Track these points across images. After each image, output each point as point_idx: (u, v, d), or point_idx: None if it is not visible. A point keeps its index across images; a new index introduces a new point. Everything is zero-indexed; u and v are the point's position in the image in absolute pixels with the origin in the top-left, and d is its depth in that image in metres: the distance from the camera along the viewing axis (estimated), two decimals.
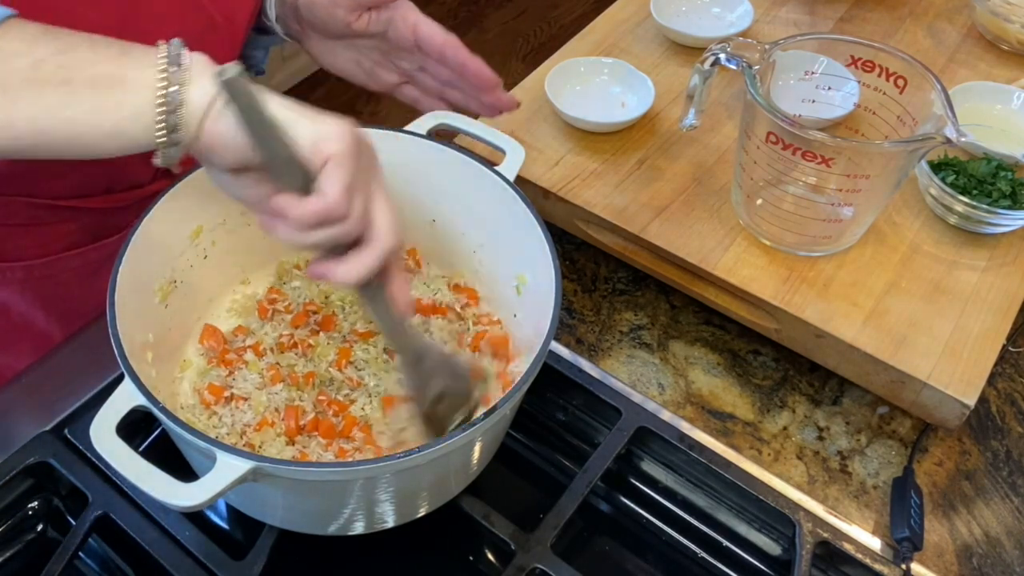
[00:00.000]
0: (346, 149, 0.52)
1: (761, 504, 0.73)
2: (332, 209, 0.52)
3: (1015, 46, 1.10)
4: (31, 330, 0.89)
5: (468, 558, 0.73)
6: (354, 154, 0.53)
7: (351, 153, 0.52)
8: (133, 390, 0.58)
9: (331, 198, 0.52)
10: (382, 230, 0.55)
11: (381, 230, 0.55)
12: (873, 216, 0.84)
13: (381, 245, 0.55)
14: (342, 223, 0.54)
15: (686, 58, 1.07)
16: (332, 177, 0.52)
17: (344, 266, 0.56)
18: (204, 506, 0.54)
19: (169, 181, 0.88)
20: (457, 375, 0.66)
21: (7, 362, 0.88)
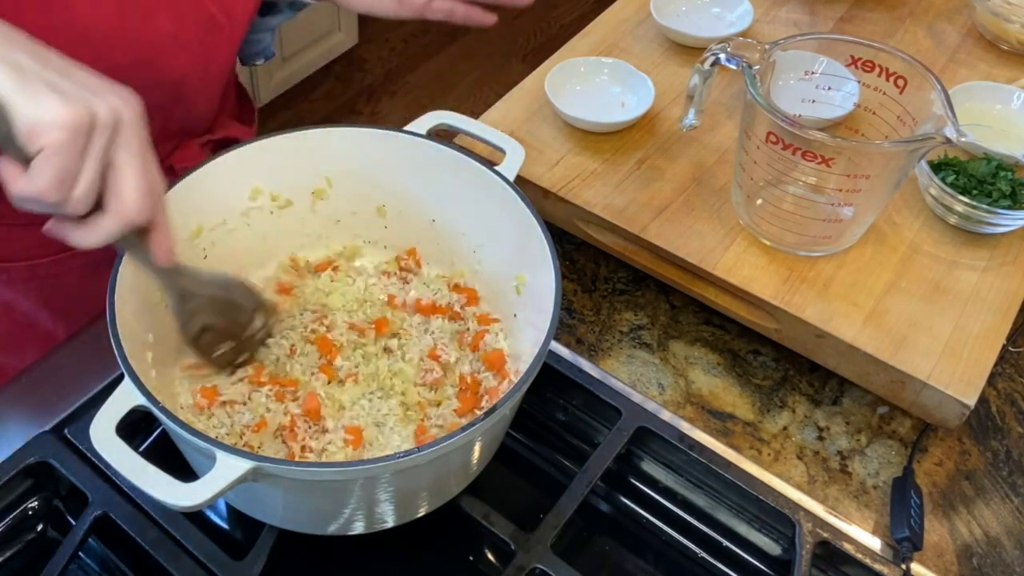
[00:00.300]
0: (62, 139, 0.50)
1: (761, 504, 0.73)
2: (41, 195, 0.51)
3: (1015, 46, 1.10)
4: (35, 329, 0.89)
5: (468, 558, 0.73)
6: (72, 141, 0.50)
7: (68, 142, 0.50)
8: (133, 390, 0.58)
9: (38, 186, 0.51)
10: (126, 201, 0.54)
11: (125, 201, 0.54)
12: (873, 216, 0.84)
13: (122, 216, 0.54)
14: (59, 205, 0.52)
15: (686, 58, 1.07)
16: (41, 167, 0.50)
17: (81, 231, 0.55)
18: (204, 506, 0.54)
19: (173, 178, 0.88)
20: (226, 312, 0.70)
21: (12, 362, 0.88)
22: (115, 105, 0.52)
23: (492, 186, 0.74)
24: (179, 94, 0.81)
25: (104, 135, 0.52)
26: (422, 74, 2.84)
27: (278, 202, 0.79)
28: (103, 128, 0.51)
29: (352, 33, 2.79)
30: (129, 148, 0.53)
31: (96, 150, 0.52)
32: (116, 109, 0.52)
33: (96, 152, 0.52)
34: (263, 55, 0.94)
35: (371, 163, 0.78)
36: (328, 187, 0.80)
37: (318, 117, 2.64)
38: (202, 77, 0.82)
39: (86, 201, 0.53)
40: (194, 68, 0.80)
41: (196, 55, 0.79)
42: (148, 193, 0.55)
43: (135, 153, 0.54)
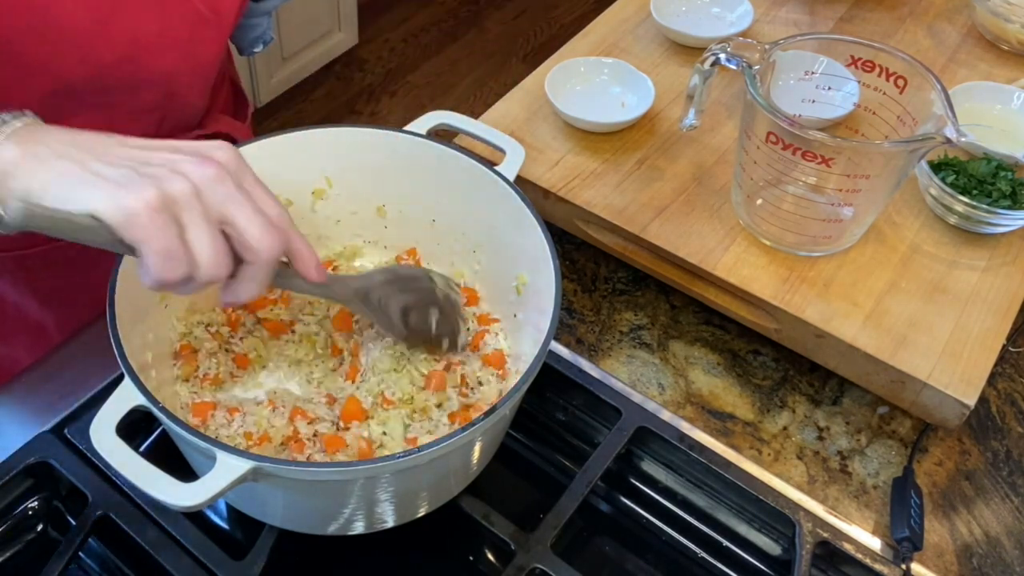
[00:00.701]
0: (145, 229, 0.52)
1: (761, 504, 0.73)
2: (160, 281, 0.54)
3: (1015, 46, 1.10)
4: (25, 321, 0.88)
5: (468, 558, 0.73)
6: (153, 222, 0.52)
7: (150, 225, 0.52)
8: (133, 390, 0.58)
9: (152, 275, 0.54)
10: (253, 247, 0.56)
11: (252, 247, 0.56)
12: (873, 216, 0.84)
13: (260, 260, 0.56)
14: (192, 280, 0.55)
15: (686, 58, 1.07)
16: (144, 257, 0.53)
17: (238, 289, 0.57)
18: (204, 506, 0.54)
19: None
20: (407, 285, 0.70)
21: (6, 353, 0.88)
22: (191, 171, 0.54)
23: (492, 186, 0.74)
24: (169, 91, 0.81)
25: (192, 202, 0.54)
26: (422, 74, 2.84)
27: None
28: (185, 197, 0.53)
29: (352, 33, 2.79)
30: (229, 200, 0.55)
31: (193, 218, 0.54)
32: (192, 174, 0.54)
33: (195, 219, 0.54)
34: (261, 40, 0.94)
35: (371, 163, 0.78)
36: (328, 187, 0.80)
37: (318, 117, 2.64)
38: (191, 73, 0.82)
39: (219, 263, 0.55)
40: (182, 64, 0.80)
41: (183, 51, 0.79)
42: (268, 228, 0.56)
43: (237, 200, 0.55)
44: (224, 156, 0.57)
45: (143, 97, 0.79)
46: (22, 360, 0.83)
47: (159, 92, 0.80)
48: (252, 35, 0.93)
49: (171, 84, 0.80)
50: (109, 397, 0.58)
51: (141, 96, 0.79)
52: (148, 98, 0.80)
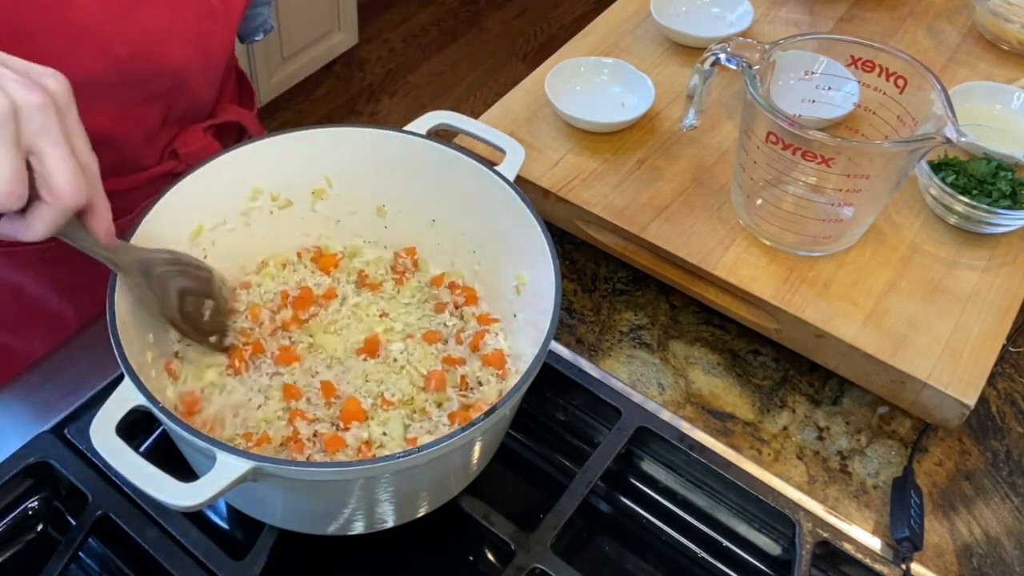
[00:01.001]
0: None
1: (761, 504, 0.73)
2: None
3: (1015, 46, 1.10)
4: (45, 313, 0.88)
5: (468, 558, 0.73)
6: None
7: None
8: (133, 390, 0.58)
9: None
10: (56, 187, 0.53)
11: (55, 187, 0.53)
12: (873, 216, 0.84)
13: (58, 203, 0.54)
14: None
15: (686, 58, 1.07)
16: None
17: (23, 225, 0.54)
18: (204, 506, 0.54)
19: (175, 163, 0.88)
20: (189, 271, 0.69)
21: (22, 345, 0.88)
22: (15, 91, 0.51)
23: (492, 186, 0.74)
24: (181, 82, 0.81)
25: (5, 121, 0.50)
26: (422, 74, 2.84)
27: (278, 202, 0.79)
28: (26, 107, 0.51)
29: (352, 33, 2.79)
30: (45, 132, 0.52)
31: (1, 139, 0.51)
32: (16, 94, 0.51)
33: (2, 141, 0.51)
34: (262, 29, 0.94)
35: (371, 163, 0.78)
36: (328, 187, 0.80)
37: (318, 117, 2.64)
38: (202, 64, 0.82)
39: (10, 192, 0.52)
40: (194, 56, 0.80)
41: (195, 43, 0.80)
42: (77, 175, 0.54)
43: (57, 138, 0.53)
44: (55, 86, 0.54)
45: (154, 88, 0.80)
46: (40, 352, 0.83)
47: (170, 83, 0.81)
48: (253, 24, 0.93)
49: (182, 75, 0.81)
50: (109, 397, 0.57)
51: (153, 87, 0.80)
52: (159, 89, 0.81)
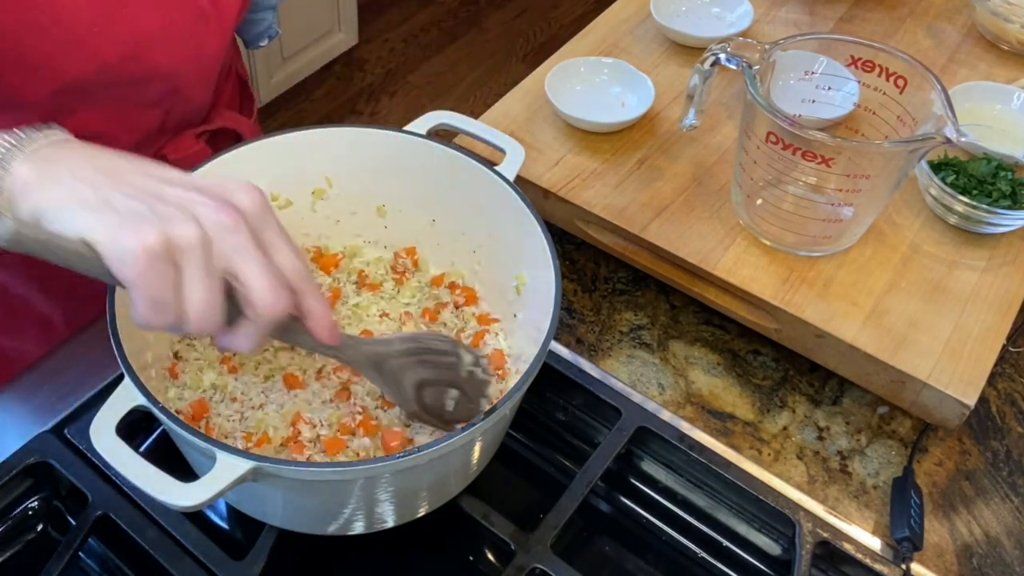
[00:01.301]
0: (138, 273, 0.50)
1: (761, 504, 0.73)
2: (146, 324, 0.52)
3: (1015, 46, 1.10)
4: (31, 313, 0.88)
5: (468, 558, 0.73)
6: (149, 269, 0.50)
7: (144, 272, 0.50)
8: (133, 390, 0.58)
9: (138, 317, 0.52)
10: (255, 304, 0.53)
11: (254, 304, 0.53)
12: (873, 216, 0.84)
13: (260, 319, 0.54)
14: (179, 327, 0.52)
15: (686, 58, 1.07)
16: (133, 299, 0.51)
17: (234, 338, 0.55)
18: (204, 506, 0.54)
19: None
20: (429, 358, 0.65)
21: (15, 346, 0.88)
22: (205, 216, 0.52)
23: (492, 186, 0.74)
24: (173, 87, 0.81)
25: (196, 251, 0.51)
26: (422, 74, 2.84)
27: (278, 202, 0.79)
28: (190, 246, 0.51)
29: (352, 33, 2.79)
30: (239, 252, 0.53)
31: (192, 269, 0.51)
32: (206, 219, 0.52)
33: (193, 270, 0.51)
34: (267, 35, 0.94)
35: (371, 163, 0.78)
36: (328, 187, 0.80)
37: (318, 117, 2.64)
38: (195, 69, 0.82)
39: (208, 318, 0.52)
40: (186, 61, 0.80)
41: (186, 47, 0.79)
42: (276, 288, 0.54)
43: (247, 254, 0.53)
44: (247, 202, 0.54)
45: (148, 92, 0.79)
46: (32, 353, 0.83)
47: (163, 87, 0.80)
48: (257, 29, 0.93)
49: (175, 80, 0.81)
50: (109, 397, 0.57)
51: (146, 91, 0.79)
52: (152, 93, 0.80)
